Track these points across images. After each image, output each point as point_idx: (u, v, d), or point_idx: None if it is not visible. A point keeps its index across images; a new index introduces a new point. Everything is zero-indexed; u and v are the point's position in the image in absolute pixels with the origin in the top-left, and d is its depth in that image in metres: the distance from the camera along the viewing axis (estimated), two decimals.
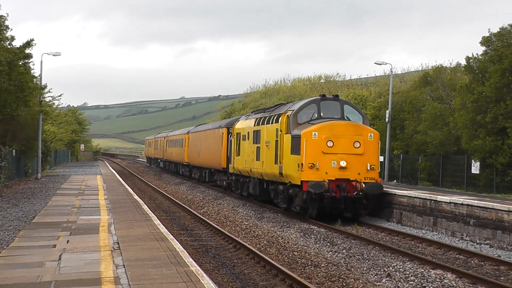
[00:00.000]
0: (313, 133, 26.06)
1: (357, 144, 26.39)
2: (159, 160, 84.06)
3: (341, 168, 26.10)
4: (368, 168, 26.39)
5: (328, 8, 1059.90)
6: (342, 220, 26.39)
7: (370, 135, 26.81)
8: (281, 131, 28.27)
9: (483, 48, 44.64)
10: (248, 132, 34.09)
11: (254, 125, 33.01)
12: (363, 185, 26.03)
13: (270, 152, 29.69)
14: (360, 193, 26.06)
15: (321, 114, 27.84)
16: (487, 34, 45.75)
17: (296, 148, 26.45)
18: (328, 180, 25.75)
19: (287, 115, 27.87)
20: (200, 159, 52.08)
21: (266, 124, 30.73)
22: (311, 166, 25.94)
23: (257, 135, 32.24)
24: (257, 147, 32.03)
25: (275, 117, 29.48)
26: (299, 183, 26.16)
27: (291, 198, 28.15)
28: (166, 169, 77.27)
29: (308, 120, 27.55)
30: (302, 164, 25.94)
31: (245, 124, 35.73)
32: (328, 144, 26.06)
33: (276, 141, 28.78)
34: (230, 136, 39.94)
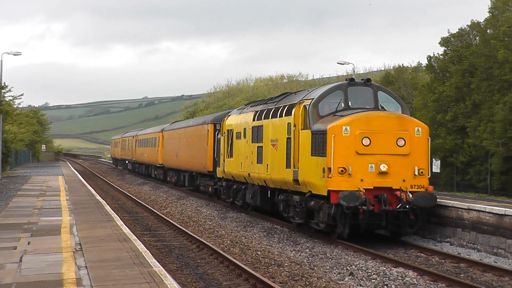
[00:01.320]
0: (344, 127, 20.48)
1: (402, 142, 20.81)
2: (127, 162, 78.21)
3: (381, 173, 20.48)
4: (416, 173, 20.79)
5: (291, 9, 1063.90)
6: (376, 239, 22.23)
7: (418, 130, 21.14)
8: (295, 126, 22.55)
9: (443, 48, 45.20)
10: (245, 129, 28.49)
11: (254, 120, 27.23)
12: (410, 195, 20.42)
13: (278, 153, 24.08)
14: (407, 206, 20.44)
15: (349, 104, 22.09)
16: (447, 35, 46.32)
17: (319, 147, 20.87)
18: (364, 189, 20.13)
19: (304, 106, 22.18)
20: (178, 160, 45.81)
21: (272, 117, 24.97)
22: (342, 171, 20.16)
23: (258, 132, 26.64)
24: (258, 146, 26.51)
25: (286, 109, 23.72)
26: (325, 193, 20.39)
27: (311, 212, 22.12)
28: (136, 171, 71.02)
29: (332, 111, 21.88)
30: (329, 168, 20.18)
31: (239, 119, 29.86)
32: (363, 142, 20.50)
33: (288, 139, 23.05)
34: (218, 133, 34.33)
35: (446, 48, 45.34)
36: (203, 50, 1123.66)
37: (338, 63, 53.80)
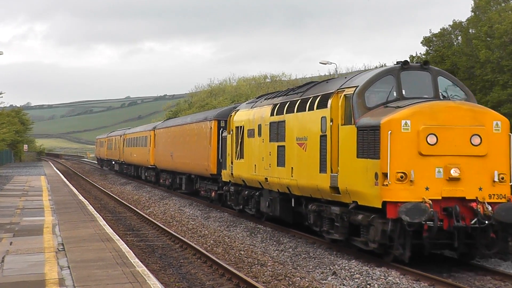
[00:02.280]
0: (404, 122, 16.21)
1: (477, 140, 16.44)
2: (113, 162, 73.41)
3: (451, 179, 16.19)
4: (496, 179, 16.44)
5: (272, 10, 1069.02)
6: (441, 262, 17.65)
7: (496, 125, 16.75)
8: (332, 120, 18.28)
9: (425, 48, 45.41)
10: (259, 125, 24.15)
11: (272, 114, 22.91)
12: (489, 208, 16.04)
13: (308, 154, 19.80)
14: (485, 221, 15.95)
15: (403, 92, 17.78)
16: (429, 35, 46.55)
17: (368, 147, 16.68)
18: (431, 200, 15.81)
19: (345, 96, 17.93)
20: (174, 161, 41.13)
21: (298, 111, 20.65)
22: (401, 177, 15.98)
23: (278, 129, 22.35)
24: (278, 146, 22.22)
25: (318, 100, 19.37)
26: (378, 205, 16.23)
27: (355, 227, 17.77)
28: (124, 172, 66.07)
29: (382, 101, 17.59)
30: (384, 174, 16.04)
31: (251, 114, 25.46)
32: (428, 141, 16.18)
33: (323, 136, 18.78)
34: (223, 131, 30.49)
35: (428, 48, 45.55)
36: (186, 50, 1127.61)
37: (320, 62, 53.79)
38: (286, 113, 21.71)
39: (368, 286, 14.83)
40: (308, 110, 19.91)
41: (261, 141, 24.01)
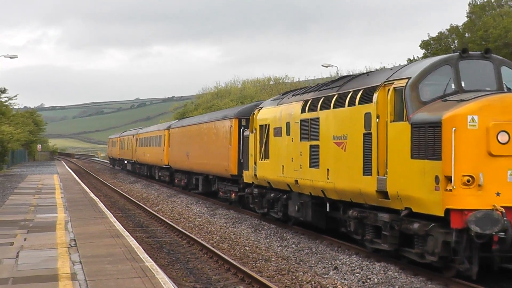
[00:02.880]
0: (470, 117, 13.82)
1: None
2: (125, 162, 70.75)
3: None
4: None
5: (275, 15, 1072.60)
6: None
7: None
8: (378, 117, 15.79)
9: (423, 51, 45.42)
10: (288, 123, 21.63)
11: (303, 111, 20.31)
12: None
13: (348, 155, 17.28)
14: None
15: (462, 84, 15.28)
16: (427, 38, 46.59)
17: (426, 146, 14.19)
18: (503, 207, 13.49)
19: (395, 89, 15.47)
20: (189, 162, 38.52)
21: (335, 107, 18.10)
22: (468, 181, 13.58)
23: (310, 127, 19.75)
24: (311, 146, 19.69)
25: (360, 95, 16.85)
26: (439, 213, 13.84)
27: (407, 237, 15.25)
28: (136, 172, 63.44)
29: (439, 95, 15.10)
30: (447, 177, 13.64)
31: (278, 112, 22.94)
32: (500, 139, 13.78)
33: (367, 134, 16.26)
34: (245, 130, 28.04)
35: (426, 51, 45.57)
36: (193, 54, 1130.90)
37: (322, 65, 53.77)
38: (320, 110, 19.05)
39: (368, 280, 14.82)
40: (348, 106, 17.33)
41: (289, 140, 21.46)
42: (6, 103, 53.11)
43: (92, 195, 32.84)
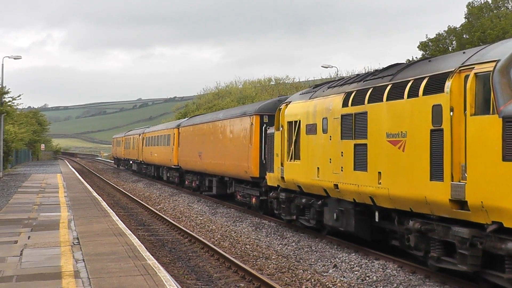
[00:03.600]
0: None
1: None
2: (131, 162, 68.10)
3: None
4: None
5: (276, 17, 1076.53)
6: None
7: None
8: (453, 109, 12.93)
9: (421, 52, 45.43)
10: (325, 119, 18.65)
11: (345, 105, 17.37)
12: None
13: (409, 155, 14.38)
14: None
15: None
16: (425, 40, 46.58)
17: None
18: None
19: (476, 74, 12.48)
20: (202, 162, 35.51)
21: (389, 99, 15.16)
22: None
23: (355, 123, 16.79)
24: (356, 145, 16.73)
25: (424, 84, 14.04)
26: None
27: (495, 258, 12.31)
28: (143, 172, 60.69)
29: None
30: None
31: (311, 106, 19.92)
32: None
33: (436, 131, 13.38)
34: (268, 127, 25.48)
35: (424, 52, 45.57)
36: (195, 55, 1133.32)
37: (322, 66, 53.66)
38: (368, 103, 16.16)
39: (367, 278, 14.81)
40: (408, 98, 14.51)
41: (327, 139, 18.53)
42: (10, 103, 53.24)
43: (95, 194, 32.84)
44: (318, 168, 19.16)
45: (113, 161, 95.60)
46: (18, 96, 55.35)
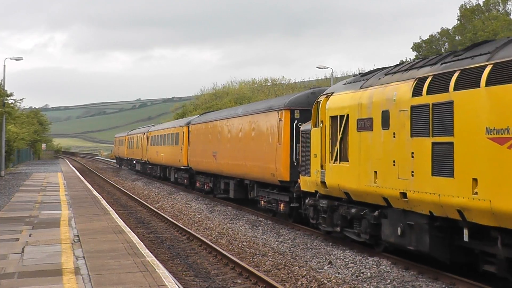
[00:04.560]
0: None
1: None
2: (134, 162, 64.02)
3: None
4: None
5: (272, 20, 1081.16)
6: None
7: None
8: None
9: (415, 53, 45.52)
10: (385, 112, 15.13)
11: (417, 94, 13.89)
12: None
13: None
14: None
15: None
16: (418, 41, 46.66)
17: None
18: None
19: None
20: (218, 163, 31.13)
21: (491, 83, 11.52)
22: None
23: (432, 116, 13.27)
24: (434, 143, 13.15)
25: None
26: None
27: None
28: (147, 173, 56.71)
29: None
30: None
31: (363, 98, 16.38)
32: None
33: None
34: (299, 124, 22.18)
35: (417, 53, 45.67)
36: (195, 57, 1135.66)
37: (317, 67, 53.70)
38: (455, 90, 12.52)
39: (361, 274, 14.83)
40: None
41: (389, 136, 14.96)
42: (12, 105, 53.44)
43: (95, 192, 32.81)
44: (375, 172, 15.53)
45: (112, 160, 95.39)
46: (21, 99, 55.70)
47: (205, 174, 35.14)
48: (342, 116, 17.33)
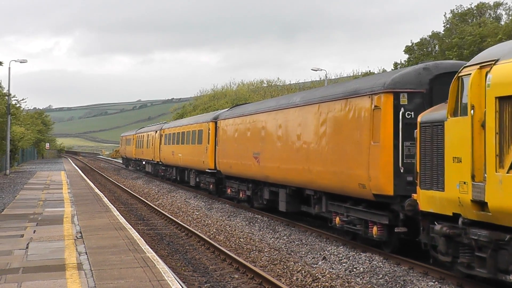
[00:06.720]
0: None
1: None
2: (144, 162, 57.05)
3: None
4: None
5: (267, 25, 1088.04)
6: None
7: None
8: None
9: (407, 56, 45.59)
10: None
11: None
12: None
13: None
14: None
15: None
16: (410, 44, 46.71)
17: None
18: None
19: None
20: (261, 166, 23.99)
21: None
22: None
23: None
24: None
25: None
26: None
27: None
28: (160, 175, 49.31)
29: None
30: None
31: None
32: None
33: None
34: (407, 113, 14.88)
35: (409, 55, 45.75)
36: (194, 60, 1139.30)
37: (312, 69, 53.77)
38: None
39: (354, 269, 14.84)
40: None
41: None
42: (17, 106, 53.57)
43: (97, 190, 32.78)
44: None
45: (113, 159, 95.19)
46: (23, 99, 55.72)
47: (240, 180, 27.86)
48: None
